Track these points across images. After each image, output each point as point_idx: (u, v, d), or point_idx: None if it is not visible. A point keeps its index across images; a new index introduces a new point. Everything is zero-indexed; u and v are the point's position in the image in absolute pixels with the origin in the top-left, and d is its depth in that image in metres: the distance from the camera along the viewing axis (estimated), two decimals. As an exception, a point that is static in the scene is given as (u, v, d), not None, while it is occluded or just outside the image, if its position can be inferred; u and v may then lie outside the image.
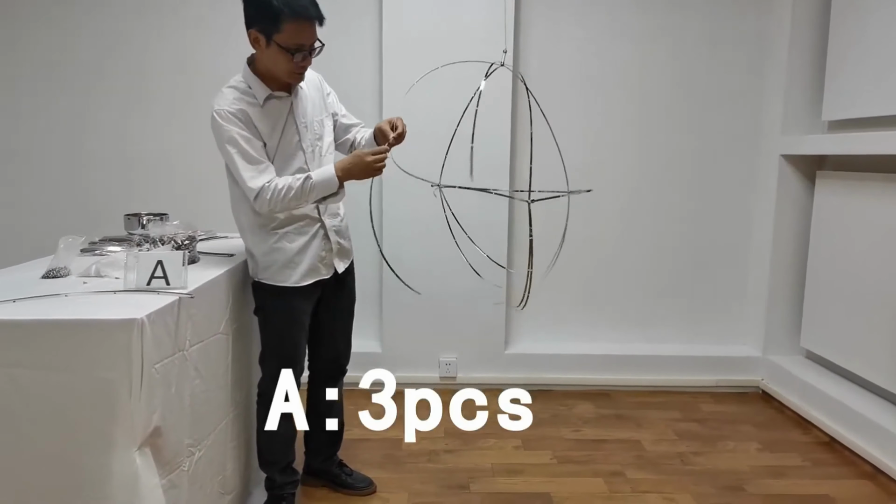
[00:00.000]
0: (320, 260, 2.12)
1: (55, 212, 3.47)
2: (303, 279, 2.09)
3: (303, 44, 1.88)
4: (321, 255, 2.12)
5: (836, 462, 2.72)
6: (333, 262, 2.17)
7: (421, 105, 3.02)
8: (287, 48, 1.87)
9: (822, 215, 3.16)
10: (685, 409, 3.24)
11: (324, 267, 2.14)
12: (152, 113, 3.42)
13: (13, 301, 1.56)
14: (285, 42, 1.87)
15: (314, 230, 2.10)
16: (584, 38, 3.39)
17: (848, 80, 2.94)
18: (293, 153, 2.04)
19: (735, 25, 3.38)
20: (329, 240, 2.13)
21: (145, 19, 3.35)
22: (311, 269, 2.10)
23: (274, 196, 1.93)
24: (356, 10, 3.30)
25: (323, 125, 2.13)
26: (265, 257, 2.07)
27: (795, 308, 3.37)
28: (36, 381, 1.45)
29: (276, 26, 1.85)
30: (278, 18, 1.83)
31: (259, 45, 1.92)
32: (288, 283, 2.07)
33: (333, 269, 2.17)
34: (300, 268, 2.08)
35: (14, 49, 3.37)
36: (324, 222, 2.11)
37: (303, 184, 1.95)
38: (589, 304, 3.59)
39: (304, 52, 1.90)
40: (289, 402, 2.14)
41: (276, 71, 1.94)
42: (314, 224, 2.10)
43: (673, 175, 3.50)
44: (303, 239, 2.07)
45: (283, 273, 2.07)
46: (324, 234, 2.12)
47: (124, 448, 1.47)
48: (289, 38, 1.86)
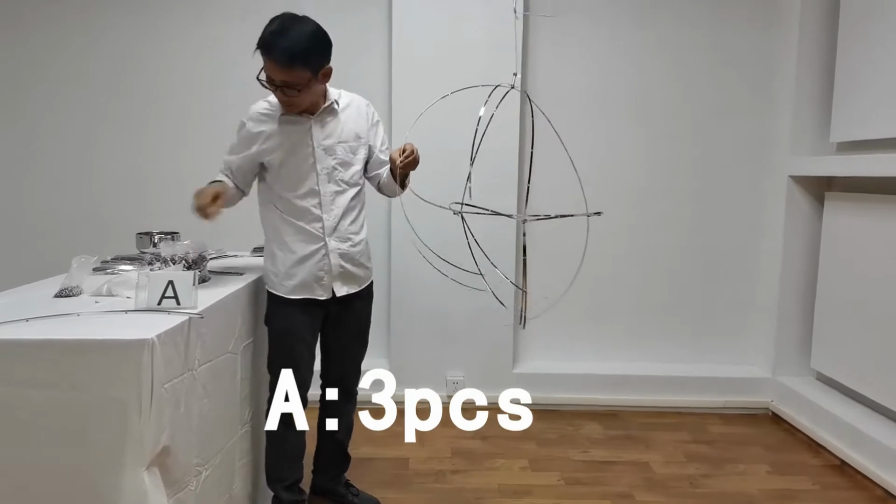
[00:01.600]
0: (315, 280, 2.12)
1: (67, 230, 3.51)
2: (292, 292, 2.12)
3: (272, 78, 1.94)
4: (317, 275, 2.12)
5: (847, 486, 2.69)
6: (332, 285, 2.15)
7: (430, 128, 3.05)
8: (262, 80, 1.97)
9: (832, 236, 3.15)
10: (694, 430, 3.21)
11: (319, 287, 2.13)
12: (164, 131, 3.46)
13: (27, 320, 1.59)
14: (264, 74, 1.96)
15: (314, 248, 2.10)
16: (590, 58, 3.42)
17: (856, 102, 2.95)
18: (305, 174, 2.08)
19: (742, 45, 3.40)
20: (330, 262, 2.12)
21: (159, 39, 3.41)
22: (303, 286, 2.12)
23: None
24: (366, 30, 3.35)
25: (353, 152, 2.15)
26: (267, 262, 2.17)
27: (805, 329, 3.35)
28: (48, 400, 1.47)
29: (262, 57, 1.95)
30: (259, 51, 1.93)
31: None
32: (280, 292, 2.13)
33: (332, 293, 2.16)
34: (292, 281, 2.11)
35: (28, 66, 3.43)
36: (327, 243, 2.11)
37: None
38: (597, 323, 3.59)
39: (275, 86, 1.95)
40: (289, 403, 2.15)
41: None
42: (315, 242, 2.11)
43: (681, 195, 3.50)
44: (300, 253, 2.10)
45: (277, 282, 2.13)
46: (324, 254, 2.11)
47: (133, 467, 1.48)
48: (266, 69, 1.94)
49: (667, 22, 3.39)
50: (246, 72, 2.12)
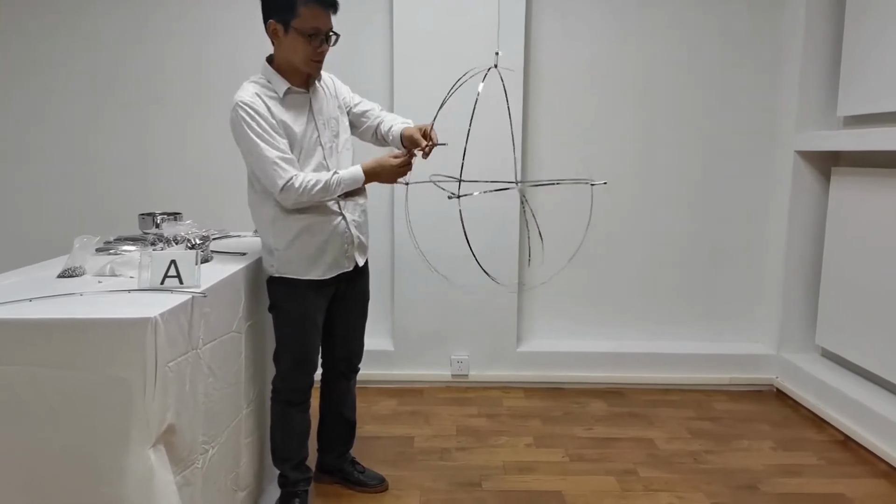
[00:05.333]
0: (343, 253, 2.14)
1: (68, 211, 3.50)
2: (327, 272, 2.11)
3: (319, 28, 1.94)
4: (344, 248, 2.13)
5: (852, 461, 2.70)
6: (355, 256, 2.18)
7: (430, 110, 3.03)
8: (305, 32, 1.93)
9: (838, 212, 3.13)
10: (698, 407, 3.22)
11: (346, 260, 2.16)
12: (166, 113, 3.44)
13: (30, 300, 1.58)
14: (303, 26, 1.92)
15: (336, 223, 2.10)
16: (594, 36, 3.37)
17: (863, 75, 2.91)
18: (312, 149, 2.06)
19: (749, 20, 3.34)
20: (351, 233, 2.14)
21: (159, 20, 3.37)
22: (335, 263, 2.12)
23: (302, 187, 1.94)
24: (368, 9, 3.30)
25: (339, 122, 2.16)
26: (287, 251, 2.07)
27: (810, 305, 3.34)
28: (52, 379, 1.47)
29: (293, 11, 1.91)
30: (294, 4, 1.90)
31: (278, 36, 1.97)
32: (311, 276, 2.08)
33: (354, 263, 2.19)
34: (324, 260, 2.09)
35: (29, 50, 3.41)
36: (345, 216, 2.12)
37: (330, 178, 1.98)
38: (601, 301, 3.58)
39: (321, 37, 1.96)
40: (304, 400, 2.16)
41: (295, 60, 1.98)
42: (336, 217, 2.10)
43: (687, 171, 3.48)
44: (326, 232, 2.08)
45: (306, 266, 2.08)
46: (345, 226, 2.12)
47: (139, 445, 1.49)
48: (305, 21, 1.92)
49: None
50: (249, 51, 2.09)
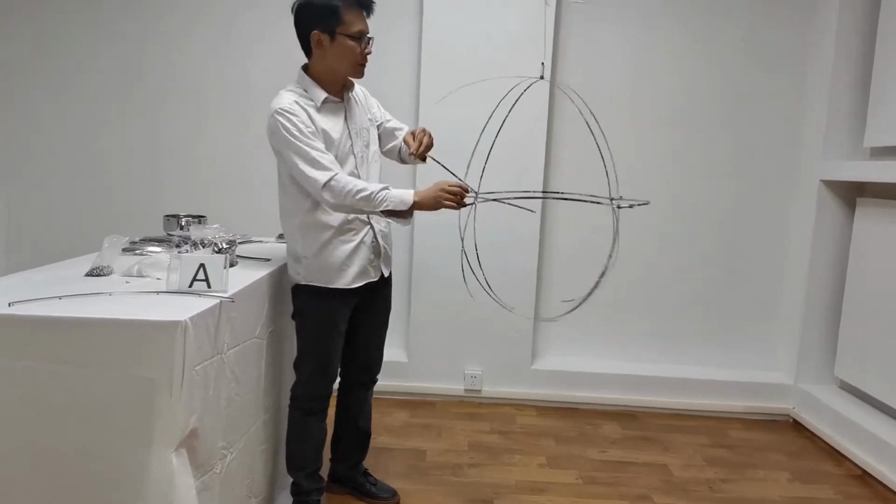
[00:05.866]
0: (370, 262, 2.15)
1: (88, 212, 3.53)
2: (354, 281, 2.11)
3: (363, 30, 2.01)
4: (370, 258, 2.15)
5: (870, 496, 2.65)
6: (381, 266, 2.21)
7: (458, 116, 3.04)
8: (353, 36, 1.99)
9: (861, 243, 3.10)
10: (713, 434, 3.18)
11: (373, 270, 2.18)
12: (183, 115, 3.46)
13: (59, 298, 1.59)
14: (349, 31, 1.98)
15: (364, 232, 2.12)
16: (622, 51, 3.37)
17: (891, 106, 2.89)
18: (345, 157, 2.07)
19: (777, 44, 3.34)
20: (378, 243, 2.17)
21: (177, 23, 3.41)
22: (362, 272, 2.13)
23: (346, 188, 1.92)
24: (396, 16, 3.32)
25: (369, 133, 2.19)
26: (316, 259, 2.07)
27: (830, 336, 3.30)
28: (79, 378, 1.47)
29: (338, 18, 1.97)
30: (337, 10, 1.96)
31: (322, 46, 2.00)
32: (339, 284, 2.09)
33: (381, 273, 2.21)
34: (352, 269, 2.10)
35: (42, 48, 3.45)
36: (373, 226, 2.15)
37: (377, 191, 1.96)
38: (618, 321, 3.55)
39: (366, 39, 2.02)
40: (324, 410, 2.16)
41: (341, 67, 2.03)
42: (364, 227, 2.12)
43: (709, 195, 3.46)
44: (354, 241, 2.09)
45: (334, 275, 2.08)
46: (373, 236, 2.15)
47: (162, 448, 1.49)
48: (351, 26, 1.98)
49: (701, 16, 3.33)
50: (262, 54, 2.09)
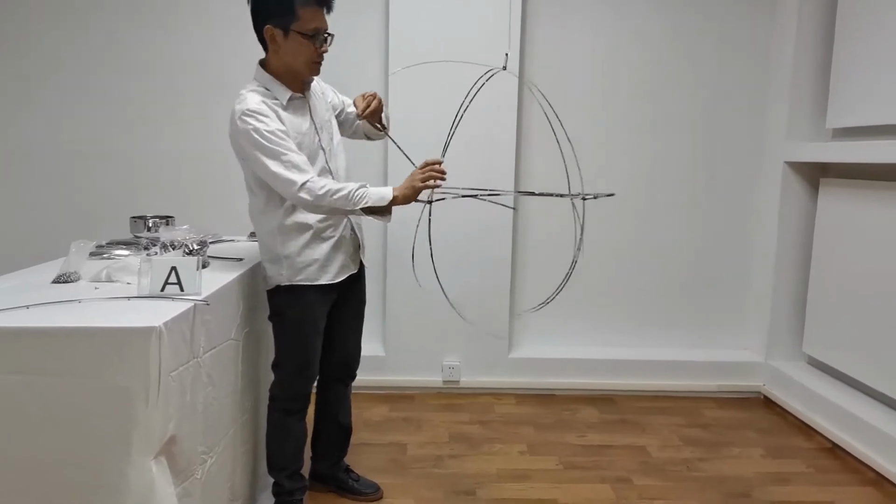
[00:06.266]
0: (350, 256, 2.14)
1: (51, 214, 3.44)
2: (338, 275, 2.10)
3: (319, 27, 1.92)
4: (350, 251, 2.14)
5: (840, 469, 2.73)
6: (359, 258, 2.20)
7: (422, 109, 3.03)
8: (307, 34, 1.90)
9: (826, 222, 3.17)
10: (688, 414, 3.24)
11: (353, 263, 2.17)
12: (153, 115, 3.39)
13: (27, 307, 1.55)
14: (304, 28, 1.90)
15: (343, 226, 2.10)
16: (589, 43, 3.39)
17: (853, 88, 2.96)
18: (315, 153, 2.03)
19: (740, 30, 3.39)
20: (356, 235, 2.16)
21: (149, 20, 3.32)
22: (344, 265, 2.12)
23: (324, 189, 1.88)
24: (363, 10, 3.28)
25: (332, 124, 2.16)
26: (299, 257, 2.02)
27: (798, 314, 3.38)
28: (52, 389, 1.44)
29: (293, 14, 1.88)
30: (292, 5, 1.87)
31: (276, 42, 1.92)
32: (324, 280, 2.07)
33: (359, 264, 2.21)
34: (335, 264, 2.09)
35: (11, 51, 3.34)
36: (350, 219, 2.13)
37: (356, 189, 1.91)
38: (591, 308, 3.59)
39: (322, 37, 1.94)
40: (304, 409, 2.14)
41: (296, 64, 1.95)
42: (342, 220, 2.10)
43: (676, 179, 3.51)
44: (335, 236, 2.07)
45: (318, 271, 2.05)
46: (351, 229, 2.14)
47: (141, 456, 1.46)
48: (306, 23, 1.89)
49: (667, 5, 3.36)
50: (239, 52, 2.05)
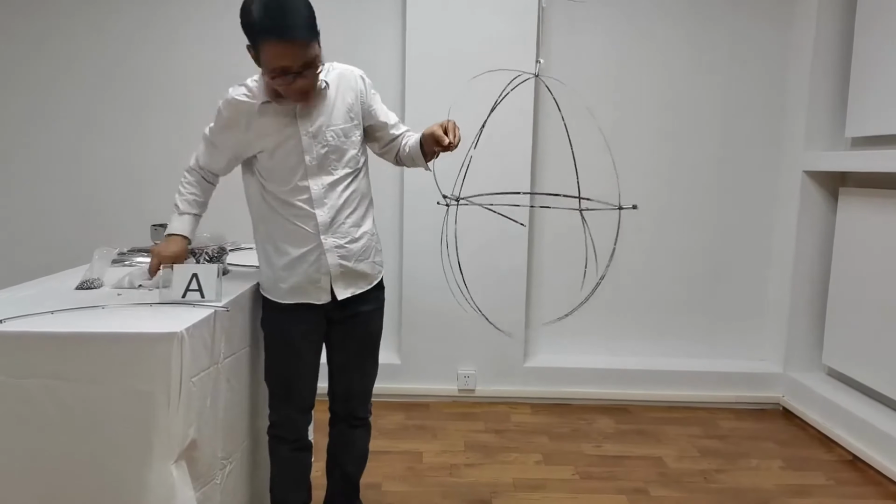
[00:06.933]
0: (311, 282, 1.87)
1: (64, 222, 3.49)
2: (285, 297, 1.88)
3: (286, 66, 1.64)
4: (312, 278, 1.86)
5: (861, 482, 2.70)
6: (332, 287, 1.89)
7: (441, 115, 3.03)
8: (268, 70, 1.67)
9: (845, 231, 3.15)
10: (705, 425, 3.21)
11: (315, 290, 1.88)
12: (165, 121, 3.42)
13: (52, 313, 1.57)
14: (267, 66, 1.67)
15: (308, 248, 1.84)
16: (602, 49, 3.39)
17: (871, 97, 2.94)
18: (294, 167, 1.81)
19: (758, 39, 3.38)
20: (326, 261, 1.85)
21: (159, 25, 3.37)
22: (297, 289, 1.87)
23: (182, 182, 1.97)
24: (379, 20, 3.32)
25: (346, 135, 1.86)
26: (266, 269, 1.92)
27: (817, 324, 3.35)
28: (75, 393, 1.46)
29: (255, 47, 1.66)
30: (256, 37, 1.64)
31: (253, 58, 1.72)
32: (273, 297, 1.91)
33: (331, 296, 1.90)
34: (285, 284, 1.87)
35: (29, 59, 3.40)
36: (322, 242, 1.84)
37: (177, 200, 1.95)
38: (609, 317, 3.57)
39: (289, 76, 1.67)
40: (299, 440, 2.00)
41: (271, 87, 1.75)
42: (309, 241, 1.84)
43: (694, 189, 3.49)
44: (293, 254, 1.85)
45: (269, 286, 1.92)
46: (319, 254, 1.85)
47: (162, 461, 1.48)
48: (269, 59, 1.65)
49: (684, 14, 3.36)
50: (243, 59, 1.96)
